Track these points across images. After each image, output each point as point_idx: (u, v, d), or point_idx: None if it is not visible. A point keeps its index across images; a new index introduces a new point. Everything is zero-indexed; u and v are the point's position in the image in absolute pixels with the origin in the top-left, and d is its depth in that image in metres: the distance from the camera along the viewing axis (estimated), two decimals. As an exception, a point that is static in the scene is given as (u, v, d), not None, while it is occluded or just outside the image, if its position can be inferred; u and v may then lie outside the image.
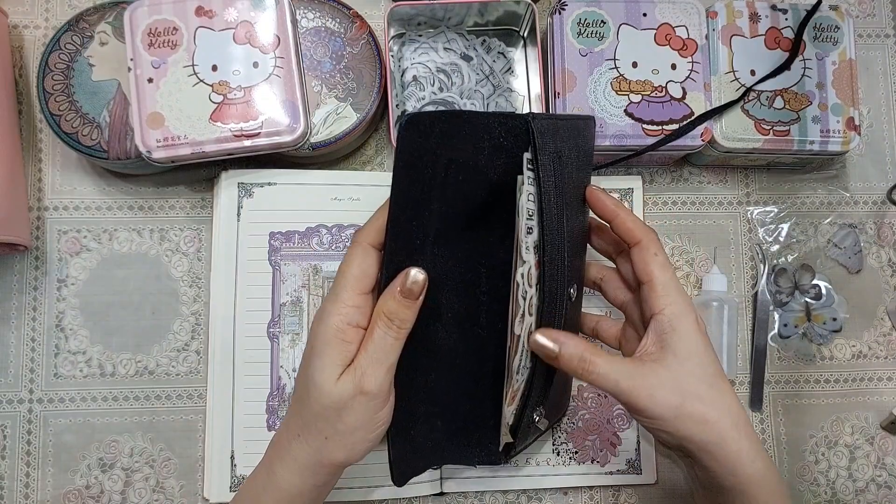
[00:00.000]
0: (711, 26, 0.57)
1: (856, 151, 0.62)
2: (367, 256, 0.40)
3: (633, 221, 0.44)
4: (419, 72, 0.59)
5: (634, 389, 0.39)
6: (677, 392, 0.39)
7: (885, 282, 0.62)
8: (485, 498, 0.56)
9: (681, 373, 0.39)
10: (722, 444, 0.39)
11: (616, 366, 0.40)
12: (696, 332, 0.41)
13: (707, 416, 0.39)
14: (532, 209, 0.40)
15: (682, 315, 0.41)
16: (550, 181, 0.40)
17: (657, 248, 0.43)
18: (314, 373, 0.39)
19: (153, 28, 0.52)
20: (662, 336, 0.41)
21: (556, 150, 0.40)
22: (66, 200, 0.57)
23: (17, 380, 0.55)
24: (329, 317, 0.39)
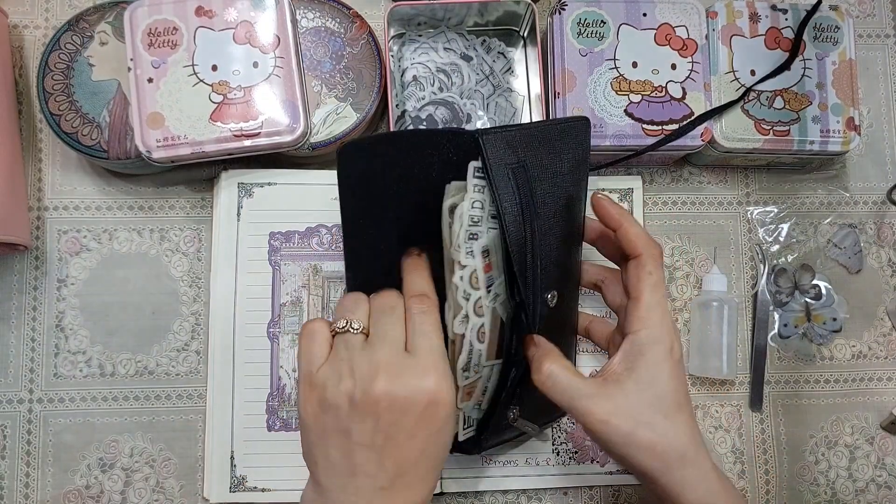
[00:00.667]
0: (711, 26, 0.57)
1: (856, 151, 0.62)
2: None
3: (636, 234, 0.43)
4: (419, 72, 0.59)
5: (589, 412, 0.39)
6: (630, 419, 0.39)
7: (885, 282, 0.62)
8: (485, 498, 0.56)
9: (639, 400, 0.40)
10: (665, 471, 0.39)
11: (576, 383, 0.40)
12: (664, 361, 0.41)
13: (655, 444, 0.39)
14: (477, 216, 0.40)
15: (655, 341, 0.41)
16: (509, 191, 0.40)
17: (654, 266, 0.42)
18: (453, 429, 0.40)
19: (153, 28, 0.52)
20: (630, 358, 0.41)
21: (518, 160, 0.41)
22: (66, 200, 0.57)
23: (17, 380, 0.55)
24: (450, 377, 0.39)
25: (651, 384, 0.40)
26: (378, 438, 0.37)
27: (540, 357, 0.41)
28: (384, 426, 0.37)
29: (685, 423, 0.41)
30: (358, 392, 0.37)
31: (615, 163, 0.56)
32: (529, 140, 0.42)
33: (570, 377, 0.40)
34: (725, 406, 0.59)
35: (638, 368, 0.40)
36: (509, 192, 0.40)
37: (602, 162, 0.57)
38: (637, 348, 0.41)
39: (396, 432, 0.37)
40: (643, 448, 0.39)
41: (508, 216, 0.40)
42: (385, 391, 0.37)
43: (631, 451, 0.39)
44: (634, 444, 0.39)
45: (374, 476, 0.37)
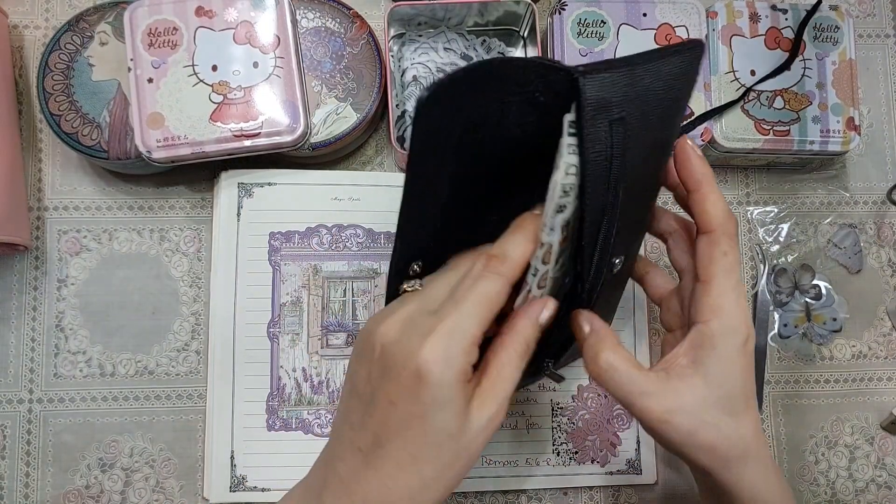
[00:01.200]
0: (711, 26, 0.57)
1: (856, 151, 0.62)
2: (507, 293, 0.34)
3: (714, 203, 0.37)
4: (419, 72, 0.59)
5: (649, 410, 0.36)
6: (694, 419, 0.36)
7: (885, 282, 0.62)
8: (485, 498, 0.56)
9: (706, 400, 0.36)
10: (724, 469, 0.37)
11: (637, 378, 0.36)
12: (737, 356, 0.36)
13: (716, 444, 0.36)
14: (570, 185, 0.33)
15: (727, 333, 0.36)
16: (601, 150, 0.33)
17: (729, 244, 0.37)
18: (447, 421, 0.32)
19: (153, 28, 0.52)
20: (699, 351, 0.36)
21: (619, 113, 0.32)
22: (66, 200, 0.57)
23: (17, 380, 0.55)
24: (457, 359, 0.32)
25: (721, 382, 0.36)
26: (367, 388, 0.34)
27: (596, 345, 0.36)
28: (374, 377, 0.33)
29: (751, 420, 0.37)
30: (365, 332, 0.34)
31: (615, 163, 0.56)
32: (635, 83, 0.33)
33: (630, 371, 0.36)
34: (725, 406, 0.59)
35: (707, 364, 0.36)
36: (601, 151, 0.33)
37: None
38: (707, 340, 0.36)
39: (379, 390, 0.33)
40: (704, 448, 0.36)
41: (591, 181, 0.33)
42: (382, 340, 0.33)
43: (690, 451, 0.36)
44: (695, 444, 0.36)
45: (357, 430, 0.34)
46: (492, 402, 0.33)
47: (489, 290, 0.33)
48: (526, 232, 0.35)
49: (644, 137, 0.35)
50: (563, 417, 0.57)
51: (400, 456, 0.32)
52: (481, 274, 0.34)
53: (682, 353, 0.37)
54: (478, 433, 0.33)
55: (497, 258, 0.34)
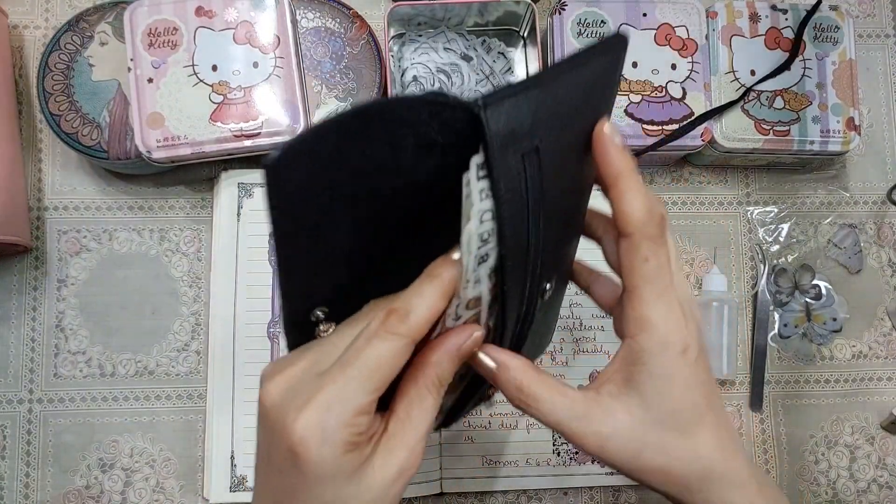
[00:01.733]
0: (711, 26, 0.57)
1: (856, 151, 0.62)
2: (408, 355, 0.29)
3: (630, 203, 0.31)
4: (419, 72, 0.59)
5: (582, 435, 0.32)
6: (633, 441, 0.32)
7: (885, 282, 0.62)
8: (485, 498, 0.56)
9: (643, 419, 0.32)
10: (687, 494, 0.33)
11: (562, 403, 0.32)
12: (676, 367, 0.32)
13: (669, 468, 0.32)
14: (488, 231, 0.28)
15: (659, 346, 0.31)
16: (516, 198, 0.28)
17: (651, 249, 0.31)
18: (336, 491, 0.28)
19: (153, 28, 0.52)
20: (630, 368, 0.32)
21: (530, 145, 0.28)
22: (66, 200, 0.57)
23: (17, 380, 0.55)
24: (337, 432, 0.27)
25: (659, 399, 0.32)
26: (263, 447, 0.30)
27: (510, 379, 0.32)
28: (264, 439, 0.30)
29: (709, 436, 0.33)
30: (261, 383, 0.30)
31: (615, 163, 0.56)
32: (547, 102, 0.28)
33: (553, 398, 0.32)
34: (726, 406, 0.59)
35: (639, 381, 0.32)
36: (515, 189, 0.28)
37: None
38: (636, 357, 0.32)
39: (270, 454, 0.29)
40: (654, 472, 0.32)
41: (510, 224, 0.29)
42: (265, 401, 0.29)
43: (641, 476, 0.33)
44: (643, 469, 0.32)
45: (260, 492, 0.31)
46: (401, 450, 0.29)
47: (382, 354, 0.28)
48: (436, 282, 0.29)
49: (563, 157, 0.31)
50: None
51: None
52: (375, 333, 0.28)
53: (613, 371, 0.33)
54: (387, 487, 0.29)
55: (397, 314, 0.28)
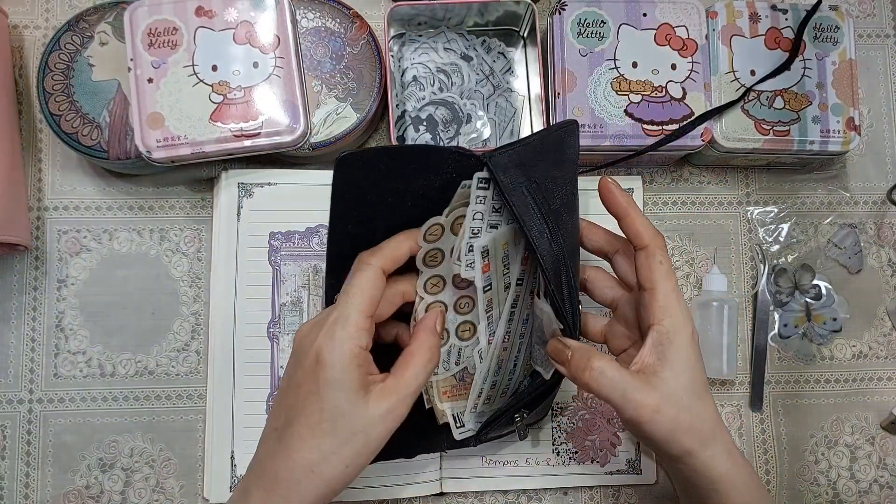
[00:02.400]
0: (711, 26, 0.57)
1: (856, 151, 0.62)
2: (380, 280, 0.40)
3: (643, 223, 0.44)
4: (419, 72, 0.59)
5: (643, 404, 0.40)
6: (675, 405, 0.41)
7: (885, 282, 0.62)
8: (485, 498, 0.56)
9: (677, 387, 0.41)
10: (700, 449, 0.42)
11: (626, 377, 0.41)
12: (691, 345, 0.42)
13: (693, 425, 0.41)
14: (478, 227, 0.41)
15: (680, 328, 0.42)
16: (532, 214, 0.40)
17: (663, 255, 0.43)
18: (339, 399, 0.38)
19: (153, 28, 0.52)
20: (660, 348, 0.42)
21: (528, 178, 0.40)
22: (66, 200, 0.57)
23: (17, 380, 0.55)
24: (343, 342, 0.38)
25: (684, 370, 0.42)
26: (286, 380, 0.40)
27: (583, 357, 0.42)
28: (290, 369, 0.40)
29: (711, 400, 0.43)
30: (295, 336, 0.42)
31: (615, 163, 0.56)
32: (534, 155, 0.41)
33: (620, 373, 0.41)
34: (725, 406, 0.59)
35: (670, 357, 0.41)
36: (532, 214, 0.40)
37: (602, 162, 0.57)
38: (665, 338, 0.42)
39: (292, 377, 0.40)
40: (685, 430, 0.41)
41: (539, 240, 0.40)
42: (297, 337, 0.41)
43: (676, 436, 0.41)
44: (680, 428, 0.41)
45: (275, 414, 0.40)
46: (391, 396, 0.39)
47: (360, 281, 0.39)
48: (399, 236, 0.42)
49: (560, 194, 0.43)
50: (563, 417, 0.57)
51: (302, 431, 0.38)
52: (355, 268, 0.40)
53: (646, 354, 0.42)
54: (376, 420, 0.38)
55: (367, 252, 0.41)
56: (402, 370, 0.40)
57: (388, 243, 0.41)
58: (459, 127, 0.59)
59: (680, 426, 0.41)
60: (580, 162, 0.57)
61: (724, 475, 0.42)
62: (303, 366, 0.39)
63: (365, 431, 0.38)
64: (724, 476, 0.42)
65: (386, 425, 0.39)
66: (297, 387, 0.39)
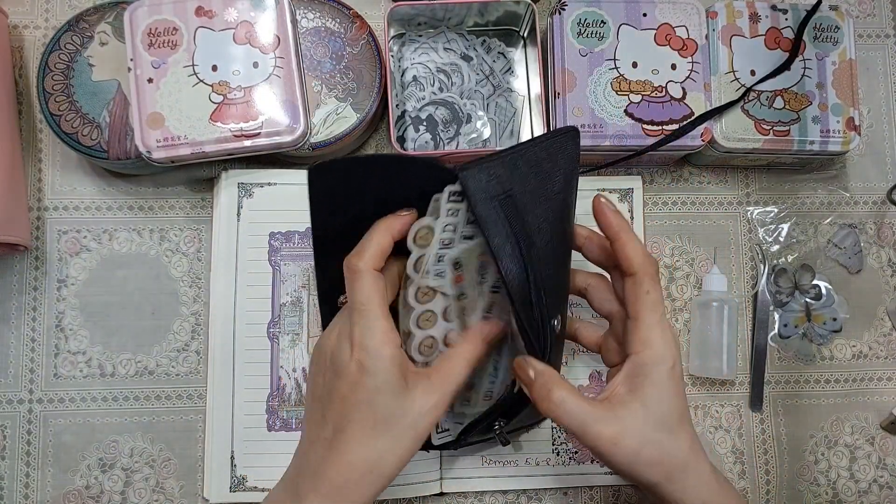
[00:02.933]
0: (711, 26, 0.57)
1: (856, 151, 0.62)
2: (379, 280, 0.40)
3: (633, 250, 0.42)
4: (419, 72, 0.59)
5: (600, 436, 0.40)
6: (639, 439, 0.40)
7: (885, 282, 0.62)
8: (485, 498, 0.56)
9: (645, 421, 0.40)
10: (668, 482, 0.41)
11: (585, 407, 0.40)
12: (668, 380, 0.41)
13: (659, 459, 0.41)
14: (449, 239, 0.41)
15: (657, 362, 0.41)
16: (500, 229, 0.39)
17: (651, 284, 0.42)
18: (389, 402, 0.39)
19: (153, 28, 0.52)
20: (634, 380, 0.41)
21: (504, 191, 0.39)
22: (66, 200, 0.57)
23: (17, 380, 0.55)
24: (380, 350, 0.39)
25: (656, 404, 0.41)
26: (323, 391, 0.41)
27: (545, 384, 0.41)
28: (328, 381, 0.40)
29: (686, 435, 0.42)
30: (318, 348, 0.42)
31: (615, 163, 0.56)
32: (514, 166, 0.40)
33: (579, 403, 0.40)
34: (725, 406, 0.59)
35: (642, 390, 0.41)
36: (500, 229, 0.39)
37: (602, 162, 0.57)
38: (640, 370, 0.41)
39: (333, 390, 0.40)
40: (650, 464, 0.40)
41: (504, 256, 0.39)
42: (329, 351, 0.41)
43: (638, 468, 0.40)
44: (642, 461, 0.40)
45: (320, 425, 0.40)
46: (435, 392, 0.40)
47: (365, 288, 0.40)
48: (379, 229, 0.41)
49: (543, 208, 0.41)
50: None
51: (356, 436, 0.39)
52: (351, 277, 0.40)
53: (619, 383, 0.42)
54: (422, 415, 0.39)
55: (353, 257, 0.41)
56: (444, 366, 0.41)
57: (371, 240, 0.41)
58: (459, 127, 0.59)
59: (642, 459, 0.40)
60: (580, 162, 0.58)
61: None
62: (343, 378, 0.39)
63: (414, 426, 0.39)
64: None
65: (432, 418, 0.40)
66: (341, 399, 0.39)
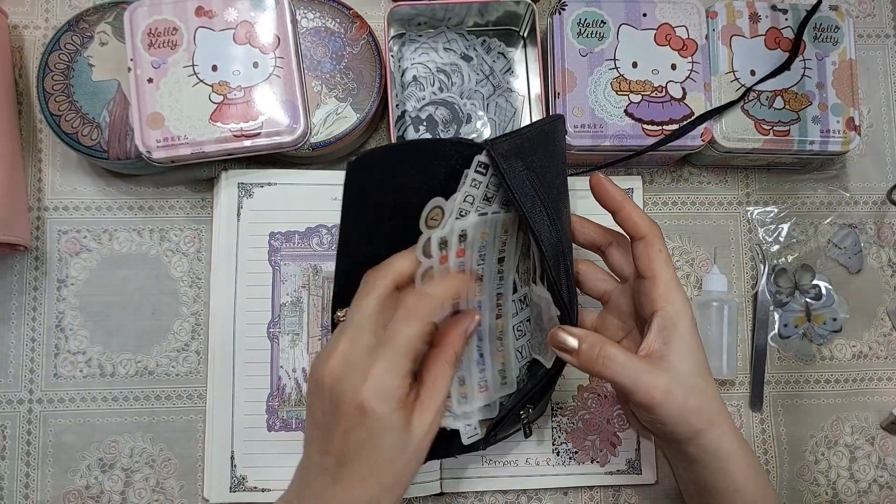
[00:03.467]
0: (711, 26, 0.57)
1: (856, 151, 0.62)
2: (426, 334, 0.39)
3: (639, 215, 0.45)
4: (419, 72, 0.59)
5: (654, 386, 0.41)
6: (684, 387, 0.42)
7: (885, 282, 0.62)
8: (485, 498, 0.56)
9: (684, 369, 0.42)
10: (709, 428, 0.42)
11: (635, 361, 0.42)
12: (693, 331, 0.43)
13: (700, 406, 0.42)
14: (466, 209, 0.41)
15: (682, 313, 0.43)
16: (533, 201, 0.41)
17: (661, 244, 0.44)
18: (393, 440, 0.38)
19: (153, 28, 0.52)
20: (665, 334, 0.43)
21: (526, 166, 0.41)
22: (66, 200, 0.57)
23: (17, 380, 0.55)
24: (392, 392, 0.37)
25: (689, 353, 0.43)
26: (324, 420, 0.39)
27: (592, 346, 0.42)
28: (327, 411, 0.38)
29: (714, 385, 0.44)
30: (315, 372, 0.39)
31: (615, 163, 0.56)
32: (532, 144, 0.42)
33: (630, 359, 0.42)
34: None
35: (675, 342, 0.42)
36: (534, 201, 0.41)
37: (602, 162, 0.57)
38: (669, 322, 0.43)
39: (333, 423, 0.38)
40: (694, 411, 0.42)
41: (540, 227, 0.41)
42: (329, 380, 0.38)
43: (686, 416, 0.42)
44: (689, 408, 0.42)
45: (322, 454, 0.39)
46: (429, 411, 0.39)
47: (412, 334, 0.38)
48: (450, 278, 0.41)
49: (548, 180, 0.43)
50: (563, 417, 0.57)
51: (361, 472, 0.38)
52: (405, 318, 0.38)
53: (652, 340, 0.43)
54: (422, 439, 0.38)
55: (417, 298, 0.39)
56: (431, 379, 0.40)
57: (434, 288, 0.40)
58: (459, 127, 0.59)
59: (689, 407, 0.42)
60: (580, 162, 0.58)
61: (731, 453, 0.43)
62: (347, 414, 0.37)
63: (416, 452, 0.39)
64: (731, 454, 0.43)
65: (429, 438, 0.39)
66: (344, 433, 0.38)
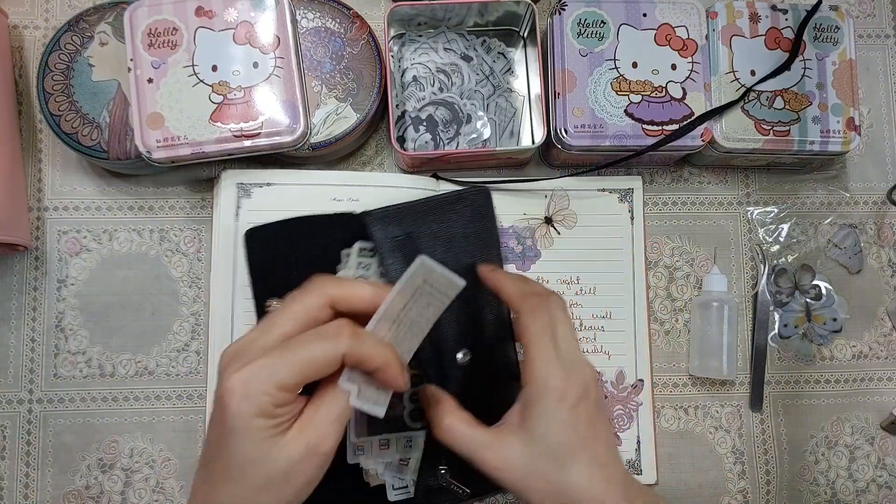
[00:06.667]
0: (711, 26, 0.57)
1: (856, 151, 0.62)
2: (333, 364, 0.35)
3: (509, 293, 0.45)
4: (419, 72, 0.59)
5: (484, 461, 0.40)
6: (522, 468, 0.40)
7: (885, 282, 0.62)
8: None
9: (531, 451, 0.40)
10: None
11: (473, 434, 0.41)
12: (556, 410, 0.40)
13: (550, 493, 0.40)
14: None
15: (543, 392, 0.40)
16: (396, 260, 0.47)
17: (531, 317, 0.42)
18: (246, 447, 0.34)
19: (153, 28, 0.52)
20: (524, 410, 0.41)
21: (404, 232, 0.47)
22: (66, 200, 0.57)
23: (17, 380, 0.55)
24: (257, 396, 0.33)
25: (543, 435, 0.40)
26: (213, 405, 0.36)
27: (440, 413, 0.42)
28: None
29: (583, 469, 0.40)
30: None
31: (615, 163, 0.56)
32: (415, 214, 0.49)
33: (469, 430, 0.41)
34: (726, 406, 0.59)
35: (529, 420, 0.41)
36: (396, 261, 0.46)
37: (602, 162, 0.57)
38: (528, 400, 0.41)
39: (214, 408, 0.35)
40: (539, 493, 0.40)
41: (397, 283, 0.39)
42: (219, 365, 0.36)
43: (526, 497, 0.40)
44: (528, 490, 0.40)
45: (204, 444, 0.38)
46: (311, 431, 0.35)
47: (318, 353, 0.34)
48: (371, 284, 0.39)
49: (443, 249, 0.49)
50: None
51: (217, 473, 0.35)
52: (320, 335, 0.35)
53: (513, 413, 0.42)
54: (295, 461, 0.34)
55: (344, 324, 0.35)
56: (319, 396, 0.36)
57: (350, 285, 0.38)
58: (459, 127, 0.59)
59: (530, 487, 0.40)
60: (580, 162, 0.58)
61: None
62: (216, 400, 0.34)
63: (286, 475, 0.34)
64: None
65: (311, 463, 0.35)
66: (211, 426, 0.35)
